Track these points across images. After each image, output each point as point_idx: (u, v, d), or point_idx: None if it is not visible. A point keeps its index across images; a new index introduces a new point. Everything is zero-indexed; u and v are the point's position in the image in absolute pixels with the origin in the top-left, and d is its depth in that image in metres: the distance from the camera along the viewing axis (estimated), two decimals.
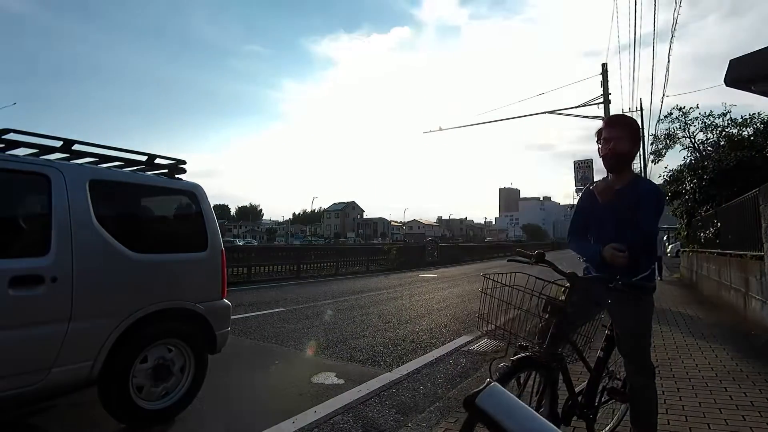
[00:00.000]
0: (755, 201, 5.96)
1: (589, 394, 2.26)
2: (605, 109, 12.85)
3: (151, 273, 3.06)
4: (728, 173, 9.72)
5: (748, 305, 6.34)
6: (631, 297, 2.08)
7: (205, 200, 3.55)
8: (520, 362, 1.82)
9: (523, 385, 1.91)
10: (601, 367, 2.31)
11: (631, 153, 2.15)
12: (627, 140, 2.11)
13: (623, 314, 2.15)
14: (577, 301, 2.25)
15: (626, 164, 2.18)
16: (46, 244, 2.57)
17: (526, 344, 1.90)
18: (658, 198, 2.11)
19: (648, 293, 2.15)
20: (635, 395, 2.17)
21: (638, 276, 2.08)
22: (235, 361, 4.46)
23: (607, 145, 2.11)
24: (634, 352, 2.14)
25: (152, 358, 2.98)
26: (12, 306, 2.39)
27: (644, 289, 2.11)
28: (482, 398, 1.50)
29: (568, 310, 1.96)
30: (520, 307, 1.95)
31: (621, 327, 2.16)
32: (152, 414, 2.92)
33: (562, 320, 1.94)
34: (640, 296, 2.10)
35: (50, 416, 3.10)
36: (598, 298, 2.20)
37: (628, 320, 2.13)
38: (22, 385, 2.42)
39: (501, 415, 1.46)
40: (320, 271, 16.44)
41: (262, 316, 7.17)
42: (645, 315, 2.15)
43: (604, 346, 2.33)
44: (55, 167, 2.73)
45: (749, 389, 3.44)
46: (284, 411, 3.21)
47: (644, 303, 2.13)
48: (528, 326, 1.95)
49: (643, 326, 2.14)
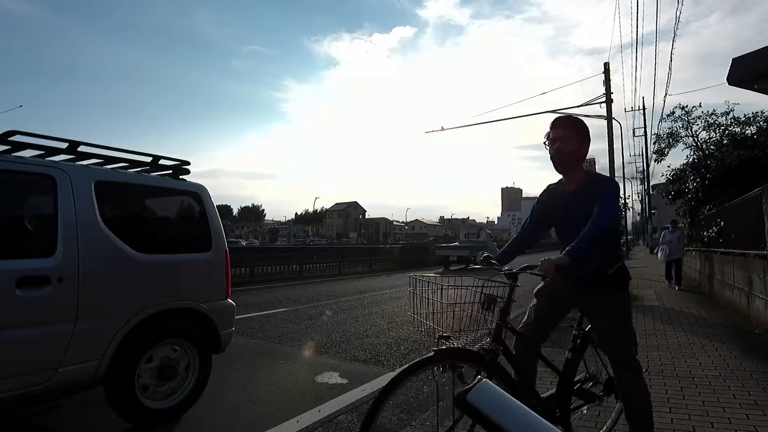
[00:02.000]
0: (759, 200, 5.94)
1: (558, 398, 2.19)
2: (608, 108, 12.83)
3: (156, 273, 3.08)
4: (731, 172, 9.70)
5: (752, 304, 6.33)
6: (604, 296, 2.07)
7: (209, 201, 3.57)
8: (436, 354, 1.82)
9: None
10: (571, 369, 2.24)
11: (580, 152, 2.13)
12: (574, 140, 2.10)
13: (598, 314, 2.12)
14: (543, 303, 2.26)
15: (576, 164, 2.14)
16: (52, 245, 2.59)
17: (447, 335, 1.88)
18: (614, 190, 2.06)
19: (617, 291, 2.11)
20: (625, 394, 2.14)
21: (589, 270, 2.03)
22: (239, 360, 4.48)
23: (553, 146, 2.11)
24: (616, 351, 2.11)
25: (157, 358, 3.00)
26: (19, 306, 2.41)
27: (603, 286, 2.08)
28: (473, 395, 1.52)
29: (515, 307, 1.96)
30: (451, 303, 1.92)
31: (598, 327, 2.14)
32: (157, 413, 2.94)
33: (501, 315, 1.93)
34: (614, 294, 2.09)
35: (57, 416, 3.12)
36: (566, 297, 2.20)
37: (604, 320, 2.10)
38: (30, 384, 2.45)
39: (492, 411, 1.47)
40: (323, 271, 16.47)
41: (265, 316, 7.19)
42: (621, 313, 2.11)
43: (572, 347, 2.28)
44: (60, 168, 2.75)
45: (753, 388, 3.44)
46: (288, 410, 3.22)
47: (619, 301, 2.11)
48: (461, 322, 1.92)
49: (621, 324, 2.10)
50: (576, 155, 2.12)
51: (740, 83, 5.83)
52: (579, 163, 2.15)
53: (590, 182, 2.10)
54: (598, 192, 2.02)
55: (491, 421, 1.48)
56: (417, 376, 1.89)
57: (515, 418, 1.46)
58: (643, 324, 6.10)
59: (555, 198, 2.23)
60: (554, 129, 2.13)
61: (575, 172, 2.14)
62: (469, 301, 1.88)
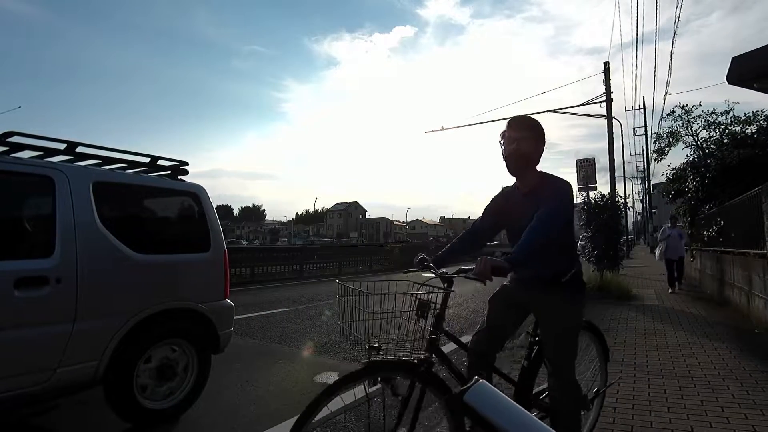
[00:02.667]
0: (758, 199, 5.94)
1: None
2: (608, 107, 12.81)
3: (155, 274, 3.08)
4: (731, 171, 9.70)
5: (752, 303, 6.32)
6: (556, 302, 1.98)
7: (208, 201, 3.57)
8: (367, 366, 1.71)
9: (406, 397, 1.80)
10: (528, 378, 2.13)
11: (536, 154, 2.02)
12: (532, 140, 2.00)
13: (547, 319, 2.03)
14: (498, 310, 2.14)
15: (530, 166, 2.03)
16: (50, 246, 2.60)
17: (377, 345, 1.73)
18: (561, 193, 1.93)
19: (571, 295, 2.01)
20: (557, 412, 2.03)
21: (545, 275, 1.97)
22: (238, 360, 4.48)
23: (510, 145, 1.99)
24: (555, 357, 2.01)
25: (156, 358, 3.01)
26: (18, 307, 2.42)
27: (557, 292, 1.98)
28: (469, 395, 1.52)
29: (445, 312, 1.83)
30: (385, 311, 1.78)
31: (547, 331, 2.04)
32: (156, 413, 2.95)
33: (435, 321, 1.80)
34: (566, 302, 1.99)
35: (56, 416, 3.13)
36: (522, 301, 2.11)
37: (551, 325, 2.01)
38: (29, 384, 2.45)
39: (488, 411, 1.49)
40: (323, 271, 16.47)
41: (264, 316, 7.20)
42: (569, 323, 2.00)
43: (527, 354, 2.17)
44: (59, 169, 2.76)
45: (752, 388, 3.43)
46: (287, 410, 3.22)
47: (569, 309, 2.00)
48: (393, 332, 1.77)
49: (565, 333, 1.99)
50: (531, 157, 2.01)
51: (740, 82, 5.82)
52: (533, 166, 2.04)
53: (544, 185, 1.99)
54: (544, 195, 1.92)
55: (487, 421, 1.49)
56: (347, 392, 1.76)
57: (510, 417, 1.47)
58: (642, 323, 6.10)
59: (509, 201, 2.13)
60: (511, 129, 2.01)
61: (529, 175, 2.03)
62: (402, 309, 1.76)
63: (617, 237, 9.77)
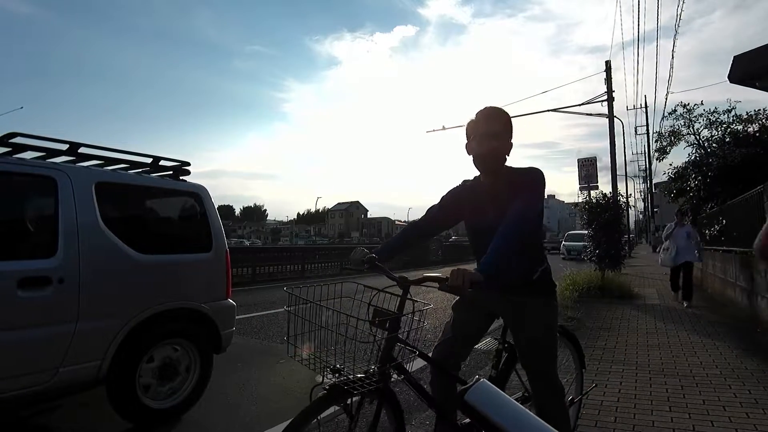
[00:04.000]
0: (760, 197, 5.93)
1: None
2: (609, 106, 12.81)
3: (157, 274, 3.09)
4: (733, 170, 9.69)
5: (754, 302, 6.31)
6: (527, 304, 1.83)
7: (209, 201, 3.58)
8: (330, 392, 1.50)
9: (356, 416, 1.60)
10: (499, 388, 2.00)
11: (509, 151, 1.85)
12: (507, 137, 1.83)
13: (525, 321, 1.85)
14: (462, 318, 1.98)
15: (503, 164, 1.85)
16: (53, 246, 2.61)
17: (340, 367, 1.55)
18: (540, 180, 1.78)
19: (544, 295, 1.87)
20: (546, 419, 1.92)
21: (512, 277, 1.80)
22: (240, 360, 4.49)
23: (488, 142, 1.78)
24: (535, 363, 1.86)
25: (158, 358, 3.02)
26: (20, 307, 2.43)
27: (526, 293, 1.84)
28: (470, 394, 1.53)
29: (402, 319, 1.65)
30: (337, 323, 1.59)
31: (523, 337, 1.87)
32: (159, 413, 2.96)
33: (390, 328, 1.62)
34: (538, 301, 1.85)
35: (59, 415, 3.14)
36: (490, 306, 1.96)
37: (524, 330, 1.86)
38: (31, 384, 2.46)
39: (489, 410, 1.50)
40: (325, 270, 16.48)
41: (266, 315, 7.21)
42: (544, 323, 1.85)
43: (495, 363, 2.03)
44: (61, 170, 2.77)
45: (753, 387, 3.43)
46: (288, 410, 3.23)
47: (542, 309, 1.86)
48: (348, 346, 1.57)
49: (543, 335, 1.84)
50: (506, 154, 1.85)
51: (742, 81, 5.82)
52: (505, 162, 1.87)
53: (513, 177, 1.80)
54: (520, 183, 1.74)
55: (488, 420, 1.49)
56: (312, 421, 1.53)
57: (511, 416, 1.47)
58: (644, 322, 6.10)
59: (473, 195, 1.94)
60: (489, 120, 1.81)
61: (501, 172, 1.85)
62: (357, 319, 1.54)
63: (619, 236, 9.75)
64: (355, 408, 1.61)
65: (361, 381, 1.52)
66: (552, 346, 1.89)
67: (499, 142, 1.80)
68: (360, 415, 1.62)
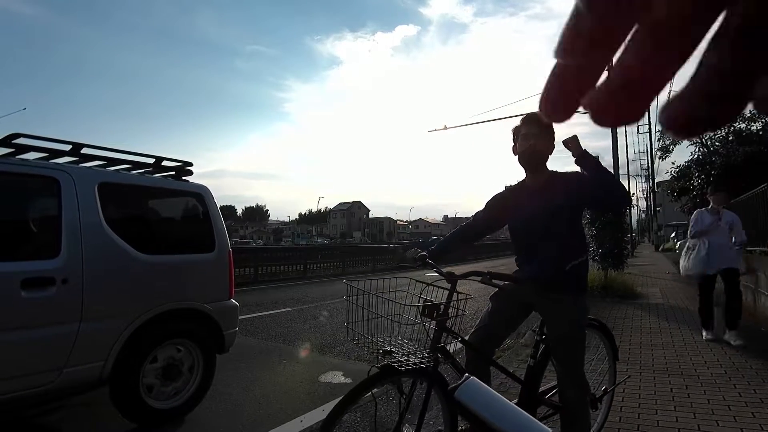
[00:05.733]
0: (764, 196, 5.91)
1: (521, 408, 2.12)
2: None
3: (160, 274, 3.09)
4: (736, 168, 9.65)
5: (758, 301, 6.29)
6: (561, 299, 1.97)
7: (212, 201, 3.58)
8: (383, 371, 1.72)
9: (410, 395, 1.83)
10: (535, 377, 2.14)
11: (549, 151, 2.06)
12: (547, 138, 2.03)
13: (555, 317, 2.01)
14: (499, 308, 2.13)
15: (544, 162, 2.07)
16: (56, 247, 2.61)
17: (390, 349, 1.76)
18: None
19: (574, 292, 2.01)
20: (568, 411, 2.04)
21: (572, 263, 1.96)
22: (243, 360, 4.49)
23: (527, 142, 2.01)
24: (563, 360, 2.01)
25: (162, 358, 3.03)
26: (24, 307, 2.44)
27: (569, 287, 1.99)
28: (460, 392, 1.55)
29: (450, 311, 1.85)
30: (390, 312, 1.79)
31: (553, 331, 2.02)
32: (162, 413, 2.96)
33: (440, 320, 1.82)
34: (573, 296, 1.99)
35: (62, 416, 3.15)
36: (526, 299, 2.10)
37: (555, 325, 2.01)
38: (35, 385, 2.47)
39: (478, 407, 1.52)
40: (327, 270, 16.48)
41: (269, 315, 7.21)
42: (571, 318, 1.99)
43: (533, 353, 2.16)
44: (64, 171, 2.77)
45: (758, 386, 3.41)
46: (292, 410, 3.23)
47: (571, 304, 1.99)
48: (400, 332, 1.81)
49: (570, 332, 1.99)
50: (546, 154, 2.05)
51: None
52: (546, 162, 2.08)
53: (556, 179, 2.03)
54: (568, 179, 2.01)
55: (478, 416, 1.51)
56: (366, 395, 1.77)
57: (500, 413, 1.49)
58: (648, 322, 6.08)
59: (516, 198, 2.14)
60: (527, 125, 2.04)
61: (543, 171, 2.06)
62: (410, 309, 1.79)
63: (622, 235, 9.72)
64: (408, 388, 1.82)
65: (409, 361, 1.72)
66: (579, 343, 2.01)
67: (536, 142, 2.00)
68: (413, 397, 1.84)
